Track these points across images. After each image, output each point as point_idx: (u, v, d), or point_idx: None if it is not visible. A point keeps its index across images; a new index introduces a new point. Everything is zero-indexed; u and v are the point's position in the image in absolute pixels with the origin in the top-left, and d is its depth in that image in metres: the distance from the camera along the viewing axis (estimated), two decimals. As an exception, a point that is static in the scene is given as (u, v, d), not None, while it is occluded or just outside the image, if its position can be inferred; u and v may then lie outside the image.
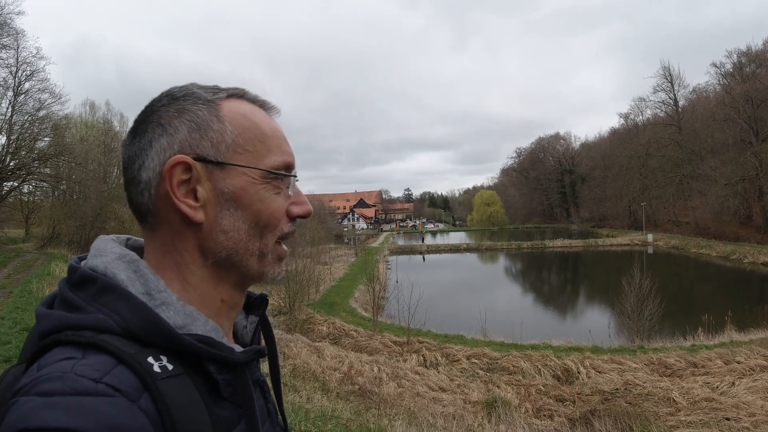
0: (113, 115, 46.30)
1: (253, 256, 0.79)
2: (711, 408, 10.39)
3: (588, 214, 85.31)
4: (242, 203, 0.78)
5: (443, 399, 11.30)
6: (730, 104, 49.94)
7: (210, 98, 0.79)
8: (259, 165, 0.79)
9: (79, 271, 0.71)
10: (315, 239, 34.73)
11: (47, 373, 0.58)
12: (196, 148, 0.76)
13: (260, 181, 0.79)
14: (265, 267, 0.81)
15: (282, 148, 0.83)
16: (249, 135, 0.79)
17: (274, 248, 0.82)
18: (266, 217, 0.79)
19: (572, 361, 13.91)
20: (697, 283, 32.09)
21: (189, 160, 0.75)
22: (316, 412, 6.91)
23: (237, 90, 0.84)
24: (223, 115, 0.79)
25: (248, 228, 0.78)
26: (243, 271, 0.80)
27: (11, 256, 26.21)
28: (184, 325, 0.70)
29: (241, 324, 0.89)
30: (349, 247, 54.50)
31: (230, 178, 0.77)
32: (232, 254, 0.78)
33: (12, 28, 28.46)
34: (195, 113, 0.78)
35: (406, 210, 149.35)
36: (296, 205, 0.84)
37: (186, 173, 0.75)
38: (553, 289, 35.15)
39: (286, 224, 0.82)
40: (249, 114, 0.81)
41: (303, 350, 13.09)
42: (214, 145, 0.77)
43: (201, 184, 0.76)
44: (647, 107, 70.89)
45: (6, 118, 29.99)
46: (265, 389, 0.87)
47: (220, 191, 0.77)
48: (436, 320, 18.81)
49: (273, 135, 0.83)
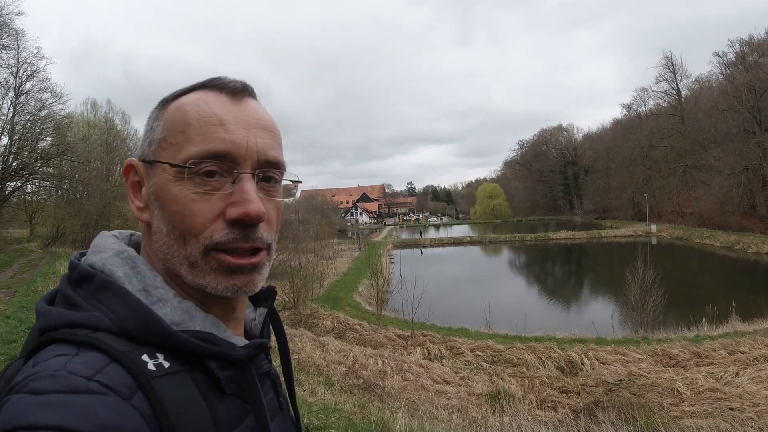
0: (115, 113, 46.24)
1: (183, 264, 0.72)
2: (715, 398, 10.40)
3: (591, 206, 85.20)
4: (161, 203, 0.73)
5: (447, 391, 11.33)
6: (733, 94, 49.77)
7: (169, 98, 0.78)
8: (175, 159, 0.71)
9: (78, 268, 0.72)
10: (318, 234, 34.84)
11: (40, 370, 0.58)
12: (142, 150, 0.77)
13: (175, 178, 0.71)
14: (199, 278, 0.71)
15: (209, 135, 0.71)
16: (174, 127, 0.73)
17: (211, 258, 0.71)
18: (181, 219, 0.71)
19: (576, 352, 13.91)
20: (700, 274, 31.98)
21: (134, 162, 0.77)
22: (320, 405, 6.94)
23: (208, 80, 0.78)
24: (165, 111, 0.76)
25: (167, 231, 0.72)
26: (182, 280, 0.73)
27: (16, 255, 26.28)
28: (181, 321, 0.70)
29: (249, 317, 0.87)
30: (353, 241, 54.72)
31: (155, 176, 0.74)
32: (166, 259, 0.73)
33: (12, 28, 28.43)
34: (150, 115, 0.78)
35: (409, 204, 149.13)
36: (233, 205, 0.70)
37: (135, 175, 0.77)
38: (557, 281, 35.12)
39: (220, 231, 0.70)
40: (185, 104, 0.74)
41: (307, 345, 13.12)
42: (150, 144, 0.75)
43: (144, 184, 0.76)
44: (650, 98, 70.88)
45: (8, 119, 30.02)
46: (277, 383, 0.85)
47: (151, 190, 0.75)
48: (440, 313, 18.84)
49: (200, 122, 0.72)
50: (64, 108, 33.49)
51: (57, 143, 31.31)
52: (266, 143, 0.75)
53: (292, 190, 0.87)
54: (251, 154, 0.73)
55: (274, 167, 0.76)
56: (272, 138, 0.77)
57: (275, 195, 0.77)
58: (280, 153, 0.77)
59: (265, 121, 0.77)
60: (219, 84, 0.76)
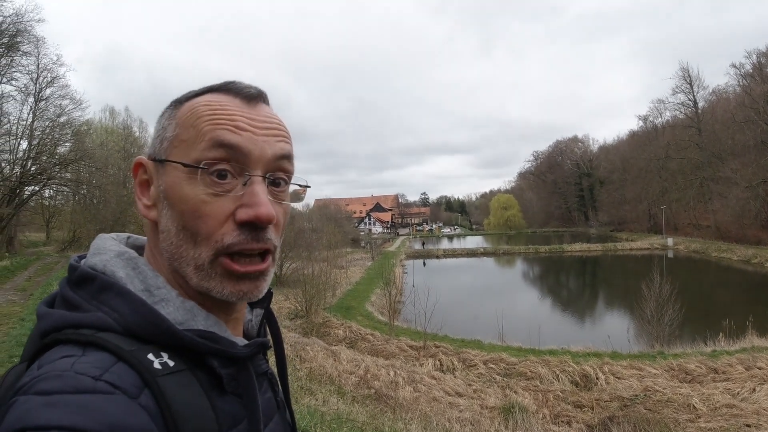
0: (133, 120, 47.03)
1: (189, 266, 0.72)
2: (731, 414, 10.22)
3: (607, 218, 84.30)
4: (170, 202, 0.74)
5: (460, 404, 11.25)
6: (750, 105, 49.29)
7: (182, 98, 0.79)
8: (187, 157, 0.72)
9: (78, 270, 0.72)
10: (332, 243, 34.87)
11: (46, 371, 0.59)
12: (152, 148, 0.78)
13: (186, 177, 0.72)
14: (205, 282, 0.72)
15: (221, 134, 0.72)
16: (186, 125, 0.75)
17: (217, 263, 0.72)
18: (191, 220, 0.71)
19: (591, 366, 13.74)
20: (717, 288, 31.52)
21: (143, 160, 0.78)
22: (332, 414, 6.93)
23: (221, 83, 0.80)
24: (177, 111, 0.77)
25: (176, 231, 0.73)
26: (187, 282, 0.74)
27: (32, 259, 26.67)
28: (184, 320, 0.71)
29: (246, 317, 0.89)
30: (366, 251, 54.55)
31: (165, 174, 0.74)
32: (173, 259, 0.74)
33: (32, 35, 29.03)
34: (162, 114, 0.79)
35: (422, 214, 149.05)
36: (243, 207, 0.71)
37: (144, 173, 0.78)
38: (572, 294, 34.76)
39: (231, 234, 0.71)
40: (200, 103, 0.76)
41: (319, 354, 13.10)
42: (161, 142, 0.76)
43: (153, 182, 0.77)
44: (666, 109, 70.53)
45: (27, 124, 30.61)
46: (274, 382, 0.86)
47: (160, 189, 0.75)
48: (453, 325, 18.70)
49: (212, 120, 0.73)
50: (83, 115, 34.17)
51: (75, 149, 31.80)
52: (278, 148, 0.76)
53: (300, 194, 0.88)
54: (263, 157, 0.74)
55: (284, 171, 0.78)
56: (284, 143, 0.78)
57: (284, 199, 0.79)
58: (290, 158, 0.79)
59: (278, 126, 0.79)
60: (234, 88, 0.78)
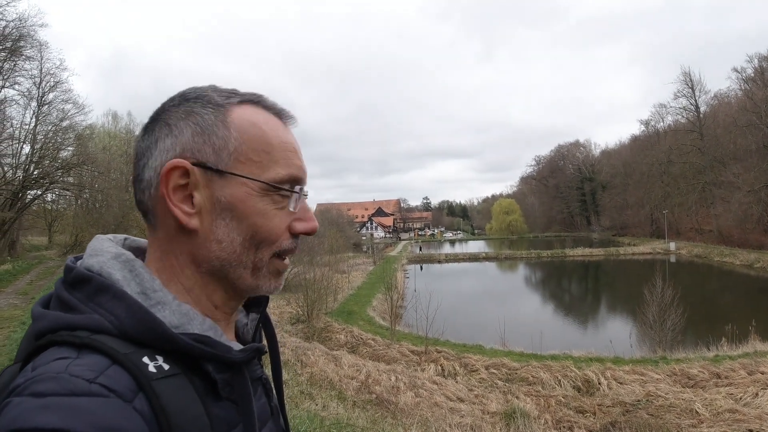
0: (135, 125, 47.16)
1: (246, 268, 0.77)
2: (734, 419, 10.17)
3: (609, 223, 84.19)
4: (239, 214, 0.75)
5: (461, 409, 11.20)
6: (752, 109, 49.22)
7: (221, 102, 0.78)
8: (261, 177, 0.76)
9: (74, 271, 0.71)
10: (333, 248, 34.84)
11: (41, 373, 0.58)
12: (197, 153, 0.75)
13: (260, 194, 0.76)
14: (259, 281, 0.79)
15: (290, 161, 0.79)
16: (254, 144, 0.76)
17: (271, 263, 0.79)
18: (264, 231, 0.77)
19: (593, 371, 13.71)
20: (720, 293, 31.45)
21: (187, 165, 0.74)
22: (331, 420, 6.90)
23: (253, 95, 0.81)
24: (230, 120, 0.76)
25: (243, 240, 0.76)
26: (235, 283, 0.78)
27: (34, 263, 26.76)
28: (180, 324, 0.70)
29: (242, 322, 0.89)
30: (368, 255, 54.54)
31: (229, 187, 0.75)
32: (225, 265, 0.76)
33: (35, 40, 29.20)
34: (201, 116, 0.76)
35: (424, 219, 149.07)
36: (300, 221, 0.81)
37: (184, 178, 0.74)
38: (574, 299, 34.69)
39: (287, 240, 0.80)
40: (258, 122, 0.78)
41: (320, 358, 13.09)
42: (216, 152, 0.75)
43: (198, 190, 0.75)
44: (668, 113, 70.28)
45: (30, 128, 30.75)
46: (269, 388, 0.87)
47: (217, 200, 0.75)
48: (455, 329, 18.70)
49: (281, 146, 0.79)
50: (85, 119, 34.30)
51: (78, 153, 31.97)
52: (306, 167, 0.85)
53: None
54: (306, 178, 0.84)
55: None
56: None
57: None
58: None
59: None
60: (269, 105, 0.83)
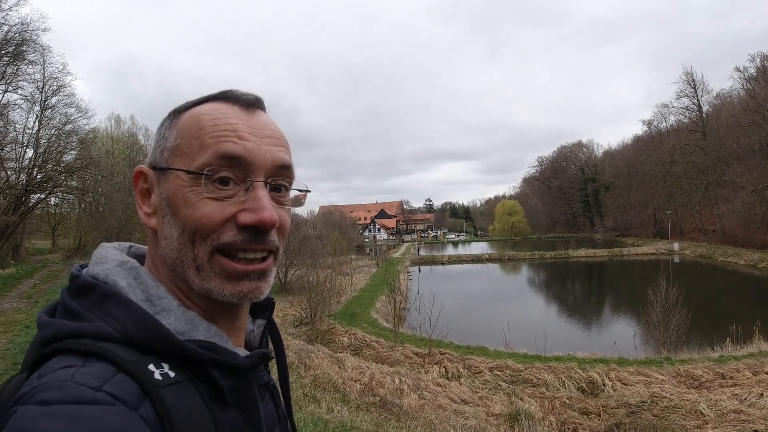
0: (138, 129, 47.37)
1: (190, 268, 0.73)
2: (739, 420, 10.13)
3: (612, 223, 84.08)
4: (173, 208, 0.74)
5: (465, 411, 11.18)
6: (755, 109, 49.13)
7: (183, 108, 0.80)
8: (190, 166, 0.74)
9: (80, 279, 0.72)
10: (336, 250, 34.91)
11: (47, 381, 0.58)
12: (152, 157, 0.79)
13: (189, 184, 0.74)
14: (205, 282, 0.73)
15: (223, 141, 0.74)
16: (188, 135, 0.76)
17: (215, 260, 0.73)
18: (192, 222, 0.72)
19: (597, 373, 13.66)
20: (724, 293, 31.32)
21: (144, 169, 0.80)
22: (336, 422, 6.90)
23: (220, 92, 0.81)
24: (178, 121, 0.79)
25: (178, 235, 0.74)
26: (190, 285, 0.74)
27: (38, 266, 26.83)
28: (185, 331, 0.71)
29: (249, 328, 0.89)
30: (371, 257, 54.51)
31: (167, 182, 0.76)
32: (176, 264, 0.74)
33: (38, 44, 29.31)
34: (162, 124, 0.81)
35: (427, 220, 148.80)
36: (246, 211, 0.73)
37: (144, 182, 0.79)
38: (578, 300, 34.55)
39: (229, 233, 0.73)
40: (200, 114, 0.77)
41: (324, 361, 13.07)
42: (162, 152, 0.78)
43: (154, 191, 0.78)
44: (671, 113, 70.15)
45: (33, 132, 30.85)
46: (275, 393, 0.86)
47: (162, 197, 0.76)
48: (458, 331, 18.62)
49: (214, 128, 0.75)
50: (88, 123, 34.39)
51: (81, 157, 32.03)
52: (278, 153, 0.78)
53: (301, 199, 0.89)
54: (264, 163, 0.76)
55: (285, 177, 0.80)
56: (283, 149, 0.80)
57: (285, 204, 0.81)
58: (290, 164, 0.81)
59: (277, 132, 0.81)
60: (232, 96, 0.80)
